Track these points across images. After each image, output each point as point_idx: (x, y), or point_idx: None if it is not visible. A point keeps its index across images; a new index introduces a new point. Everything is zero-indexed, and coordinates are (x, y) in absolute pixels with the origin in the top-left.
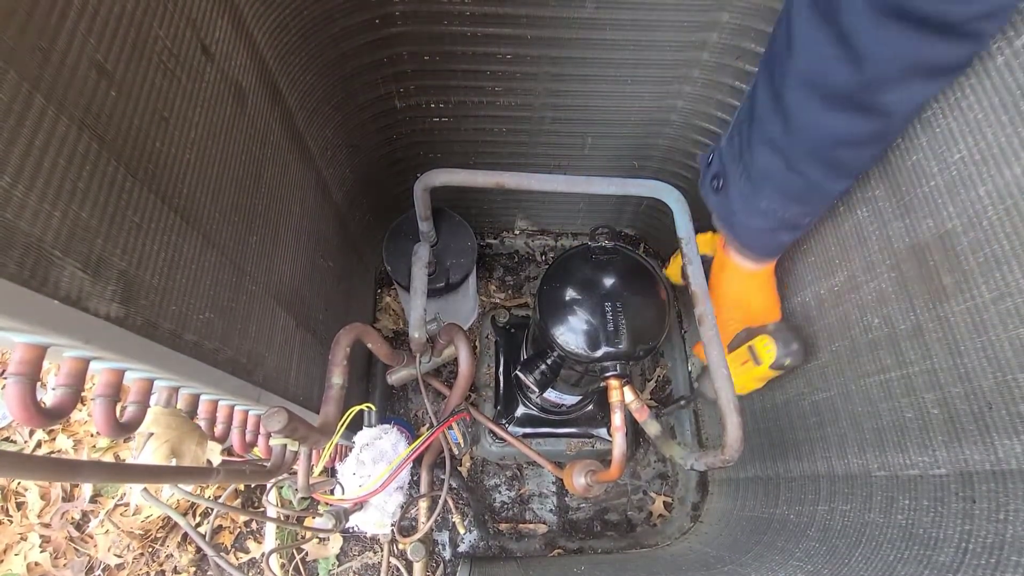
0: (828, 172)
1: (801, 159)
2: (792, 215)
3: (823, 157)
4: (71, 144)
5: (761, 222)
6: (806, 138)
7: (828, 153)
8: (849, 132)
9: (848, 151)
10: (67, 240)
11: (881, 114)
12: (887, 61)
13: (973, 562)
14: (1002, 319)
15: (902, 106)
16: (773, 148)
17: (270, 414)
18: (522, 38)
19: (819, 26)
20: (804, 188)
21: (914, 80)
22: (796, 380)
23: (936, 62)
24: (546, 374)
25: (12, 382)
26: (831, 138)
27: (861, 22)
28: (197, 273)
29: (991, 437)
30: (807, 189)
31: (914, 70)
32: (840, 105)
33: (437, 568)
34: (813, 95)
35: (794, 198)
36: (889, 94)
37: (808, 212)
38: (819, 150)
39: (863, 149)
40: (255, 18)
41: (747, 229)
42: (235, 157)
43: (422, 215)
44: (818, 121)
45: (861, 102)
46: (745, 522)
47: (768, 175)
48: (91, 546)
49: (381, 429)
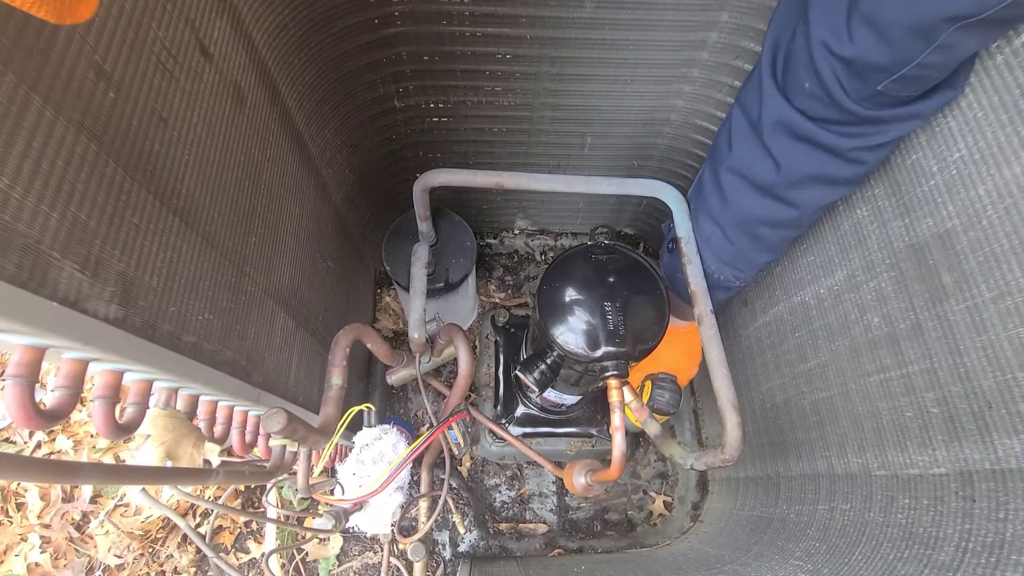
0: (753, 243)
1: (732, 230)
2: (726, 277)
3: (748, 231)
4: (69, 145)
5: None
6: (735, 214)
7: (752, 229)
8: (768, 215)
9: (767, 230)
10: (66, 241)
11: (792, 206)
12: (795, 169)
13: (973, 561)
14: (1002, 318)
15: (810, 203)
16: (713, 220)
17: (270, 415)
18: (521, 38)
19: (750, 137)
20: (735, 255)
21: (817, 186)
22: (796, 380)
23: (832, 175)
24: (546, 374)
25: (11, 384)
26: (753, 217)
27: (779, 141)
28: (196, 274)
29: (991, 436)
30: (736, 256)
31: (816, 179)
32: (762, 194)
33: (437, 568)
34: (743, 182)
35: (727, 262)
36: (798, 192)
37: (739, 276)
38: (745, 224)
39: (779, 230)
40: (254, 18)
41: (681, 286)
42: (234, 158)
43: (421, 215)
44: (744, 203)
45: (777, 195)
46: (745, 521)
47: (708, 241)
48: (91, 547)
49: (381, 429)
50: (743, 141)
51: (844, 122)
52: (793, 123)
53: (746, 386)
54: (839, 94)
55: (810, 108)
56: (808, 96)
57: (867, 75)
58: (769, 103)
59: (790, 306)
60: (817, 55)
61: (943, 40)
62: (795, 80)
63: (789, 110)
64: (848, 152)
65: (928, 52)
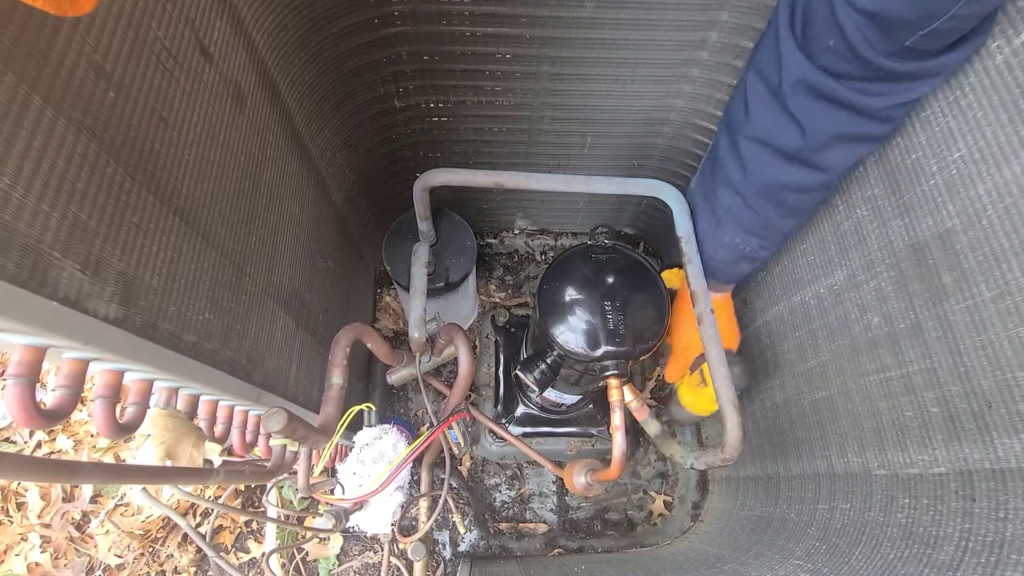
0: (778, 210)
1: (755, 199)
2: (751, 248)
3: (773, 198)
4: (70, 145)
5: (725, 254)
6: (758, 182)
7: (777, 195)
8: (797, 182)
9: (794, 195)
10: (66, 241)
11: (821, 170)
12: (822, 132)
13: (973, 560)
14: (1002, 317)
15: (838, 165)
16: (734, 190)
17: (270, 414)
18: (521, 38)
19: (770, 103)
20: (760, 224)
21: (844, 146)
22: (796, 379)
23: (859, 134)
24: (546, 373)
25: (11, 383)
26: (780, 184)
27: (802, 104)
28: (196, 274)
29: (991, 436)
30: (763, 225)
31: (843, 139)
32: (789, 160)
33: (437, 568)
34: (765, 150)
35: (753, 232)
36: (826, 155)
37: (765, 246)
38: (770, 192)
39: (807, 194)
40: (254, 18)
41: (712, 260)
42: (234, 158)
43: (421, 215)
44: (769, 171)
45: (805, 159)
46: (745, 521)
47: (731, 213)
48: (91, 546)
49: (381, 429)
50: (762, 108)
51: (870, 78)
52: (817, 83)
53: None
54: (865, 49)
55: (834, 65)
56: (832, 54)
57: (893, 30)
58: (789, 63)
59: (790, 306)
60: (839, 10)
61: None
62: (816, 37)
63: (811, 69)
64: (879, 112)
65: (963, 3)
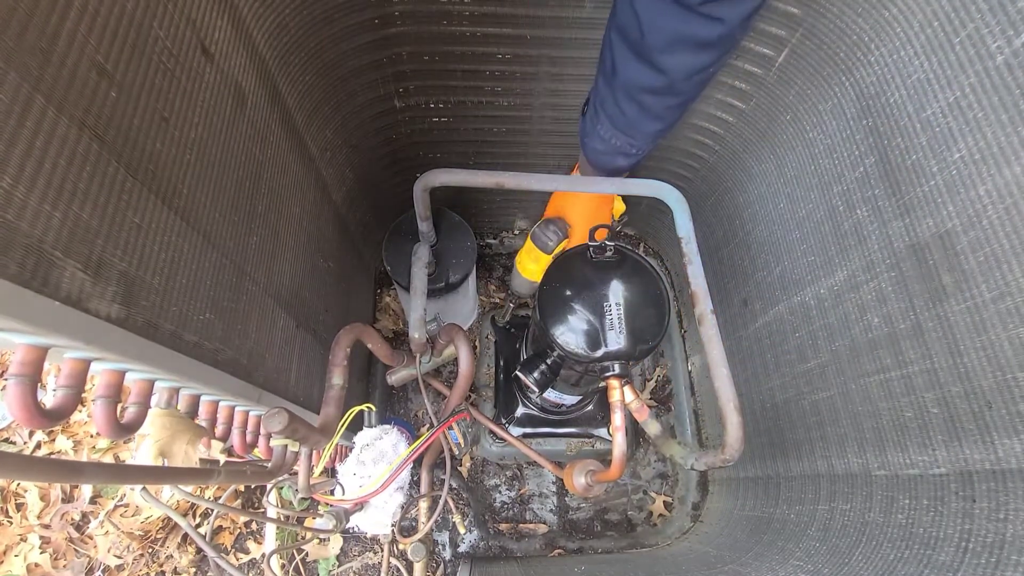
0: (640, 112)
1: (621, 97)
2: (621, 143)
3: (634, 99)
4: (71, 145)
5: (600, 145)
6: (621, 79)
7: (636, 96)
8: (643, 81)
9: (649, 97)
10: (68, 241)
11: (662, 72)
12: (657, 28)
13: (973, 561)
14: (1002, 318)
15: (677, 69)
16: (607, 83)
17: (271, 415)
18: (522, 38)
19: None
20: (625, 123)
21: (683, 50)
22: (796, 380)
23: (692, 36)
24: (546, 374)
25: (13, 383)
26: (633, 83)
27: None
28: (197, 274)
29: (991, 436)
30: (627, 124)
31: (679, 40)
32: (635, 56)
33: (437, 568)
34: (621, 43)
35: (621, 129)
36: (666, 57)
37: (633, 144)
38: (630, 91)
39: (660, 98)
40: (254, 18)
41: (592, 150)
42: (235, 157)
43: (422, 215)
44: (624, 66)
45: (647, 58)
46: (745, 521)
47: (603, 105)
48: (91, 547)
49: (381, 429)
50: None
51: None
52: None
53: (746, 386)
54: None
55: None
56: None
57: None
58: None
59: (790, 306)
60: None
61: None
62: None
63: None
64: (700, 7)
65: None
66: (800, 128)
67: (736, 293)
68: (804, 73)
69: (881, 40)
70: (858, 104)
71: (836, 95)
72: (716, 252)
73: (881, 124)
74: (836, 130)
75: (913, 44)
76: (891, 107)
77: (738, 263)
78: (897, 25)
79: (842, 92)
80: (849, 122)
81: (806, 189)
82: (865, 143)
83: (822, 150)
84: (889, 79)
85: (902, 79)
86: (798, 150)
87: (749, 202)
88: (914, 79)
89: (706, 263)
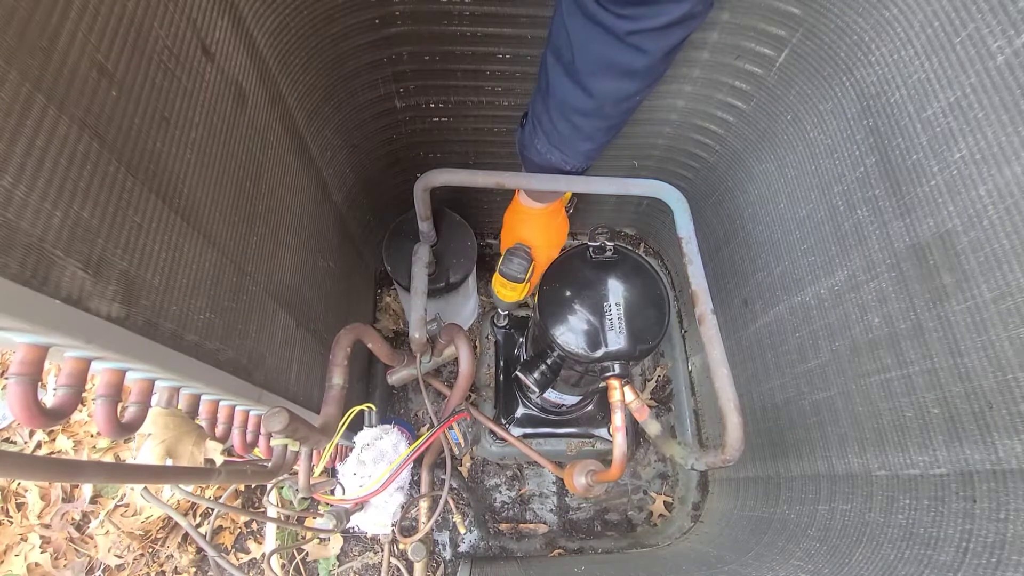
0: (572, 131)
1: (555, 115)
2: (556, 159)
3: (567, 117)
4: (72, 144)
5: (537, 158)
6: (555, 98)
7: (568, 115)
8: (574, 102)
9: (579, 118)
10: (68, 240)
11: (589, 94)
12: (586, 51)
13: (974, 561)
14: (1002, 318)
15: (606, 93)
16: (543, 100)
17: (271, 414)
18: (522, 38)
19: (557, 18)
20: (559, 139)
21: (610, 76)
22: (797, 380)
23: (619, 63)
24: (546, 374)
25: (13, 382)
26: (566, 103)
27: (572, 19)
28: (198, 273)
29: (991, 436)
30: (561, 140)
31: (607, 66)
32: (568, 77)
33: (437, 568)
34: (556, 64)
35: (555, 145)
36: (594, 81)
37: (567, 160)
38: (563, 110)
39: (589, 119)
40: (255, 18)
41: (530, 162)
42: (235, 157)
43: (422, 215)
44: (558, 85)
45: (576, 79)
46: (746, 522)
47: (540, 121)
48: (91, 547)
49: (381, 429)
50: (554, 22)
51: (620, 2)
52: (583, 2)
53: (746, 386)
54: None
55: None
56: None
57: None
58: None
59: (791, 306)
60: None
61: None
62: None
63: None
64: (626, 37)
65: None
66: (801, 128)
67: (736, 293)
68: (805, 73)
69: (882, 40)
70: (859, 104)
71: (837, 95)
72: (716, 252)
73: (882, 124)
74: (837, 130)
75: (914, 44)
76: (892, 107)
77: (738, 263)
78: (897, 25)
79: (843, 92)
80: (850, 122)
81: (807, 189)
82: (866, 143)
83: (823, 150)
84: (890, 79)
85: (903, 79)
86: (799, 150)
87: (749, 202)
88: (915, 79)
89: (706, 263)
